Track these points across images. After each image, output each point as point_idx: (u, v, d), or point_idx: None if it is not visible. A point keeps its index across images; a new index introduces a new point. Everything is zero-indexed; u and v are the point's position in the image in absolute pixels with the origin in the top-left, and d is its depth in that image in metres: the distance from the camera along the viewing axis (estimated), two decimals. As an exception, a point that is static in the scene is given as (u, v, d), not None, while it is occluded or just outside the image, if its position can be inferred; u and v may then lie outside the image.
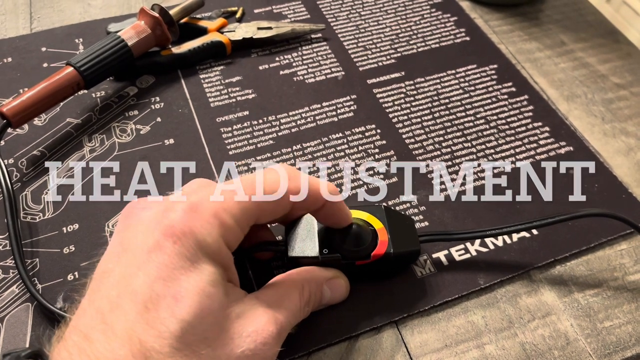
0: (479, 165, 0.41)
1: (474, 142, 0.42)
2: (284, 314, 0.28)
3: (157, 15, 0.44)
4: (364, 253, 0.31)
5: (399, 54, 0.49)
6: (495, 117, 0.44)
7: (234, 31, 0.48)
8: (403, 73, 0.47)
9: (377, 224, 0.32)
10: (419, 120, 0.43)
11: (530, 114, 0.44)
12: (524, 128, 0.43)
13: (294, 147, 0.41)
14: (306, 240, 0.32)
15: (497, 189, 0.39)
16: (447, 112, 0.44)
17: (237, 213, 0.26)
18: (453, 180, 0.40)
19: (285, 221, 0.33)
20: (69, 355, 0.23)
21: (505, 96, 0.45)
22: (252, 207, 0.27)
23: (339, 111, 0.44)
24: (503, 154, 0.41)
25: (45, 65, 0.47)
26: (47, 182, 0.39)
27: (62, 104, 0.43)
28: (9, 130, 0.40)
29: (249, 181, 0.28)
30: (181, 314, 0.23)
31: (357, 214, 0.33)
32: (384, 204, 0.38)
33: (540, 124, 0.44)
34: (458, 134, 0.43)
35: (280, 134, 0.42)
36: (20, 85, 0.45)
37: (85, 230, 0.36)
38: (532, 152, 0.41)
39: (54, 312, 0.32)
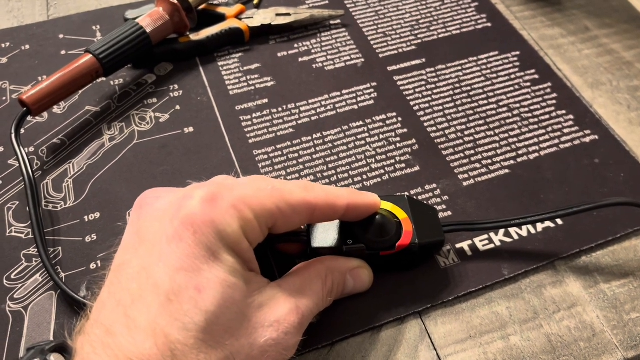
0: (502, 154, 0.40)
1: (496, 131, 0.41)
2: (306, 303, 0.27)
3: (175, 1, 0.44)
4: (388, 244, 0.31)
5: (419, 41, 0.48)
6: (518, 105, 0.43)
7: (252, 17, 0.48)
8: (424, 60, 0.46)
9: (401, 214, 0.32)
10: (440, 108, 0.43)
11: (554, 101, 0.43)
12: (547, 116, 0.42)
13: (314, 136, 0.41)
14: (329, 230, 0.31)
15: (521, 178, 0.39)
16: (469, 99, 0.43)
17: (256, 209, 0.26)
18: (476, 169, 0.39)
19: None
20: (92, 349, 0.23)
21: (528, 84, 0.45)
22: (272, 208, 0.26)
23: (359, 99, 0.43)
24: (526, 143, 0.41)
25: (63, 52, 0.47)
26: (68, 171, 0.39)
27: (80, 92, 0.43)
28: (29, 118, 0.40)
29: (267, 182, 0.27)
30: (205, 305, 0.23)
31: (381, 204, 0.32)
32: (407, 193, 0.38)
33: (564, 112, 0.43)
34: (480, 122, 0.42)
35: (300, 122, 0.42)
36: (38, 73, 0.45)
37: (107, 219, 0.36)
38: (556, 141, 0.41)
39: (77, 300, 0.32)
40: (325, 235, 0.31)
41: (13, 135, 0.37)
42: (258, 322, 0.25)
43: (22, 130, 0.40)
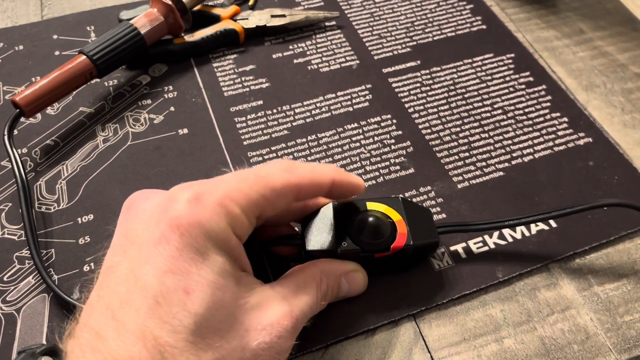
0: (496, 156, 0.40)
1: (491, 133, 0.41)
2: (300, 307, 0.27)
3: (169, 2, 0.44)
4: (383, 245, 0.31)
5: (414, 43, 0.48)
6: (512, 108, 0.43)
7: (247, 19, 0.48)
8: (419, 62, 0.46)
9: (396, 216, 0.32)
10: (435, 110, 0.43)
11: (548, 104, 0.44)
12: (542, 118, 0.43)
13: (309, 138, 0.41)
14: (323, 233, 0.31)
15: (515, 181, 0.39)
16: (463, 102, 0.43)
17: (242, 202, 0.25)
18: (470, 171, 0.39)
19: (299, 216, 0.32)
20: (82, 353, 0.23)
21: (523, 86, 0.45)
22: (258, 198, 0.26)
23: (354, 101, 0.43)
24: (521, 145, 0.41)
25: (57, 53, 0.46)
26: (61, 172, 0.38)
27: (74, 92, 0.43)
28: (22, 119, 0.40)
29: (249, 172, 0.27)
30: (194, 307, 0.23)
31: (375, 207, 0.32)
32: (401, 195, 0.37)
33: (558, 114, 0.43)
34: (475, 124, 0.42)
35: (294, 124, 0.42)
36: (32, 74, 0.45)
37: (100, 221, 0.36)
38: (551, 143, 0.41)
39: (70, 303, 0.32)
40: (320, 237, 0.31)
41: (5, 137, 0.37)
42: (250, 325, 0.25)
43: (15, 132, 0.40)
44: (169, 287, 0.23)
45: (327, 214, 0.32)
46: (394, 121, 0.42)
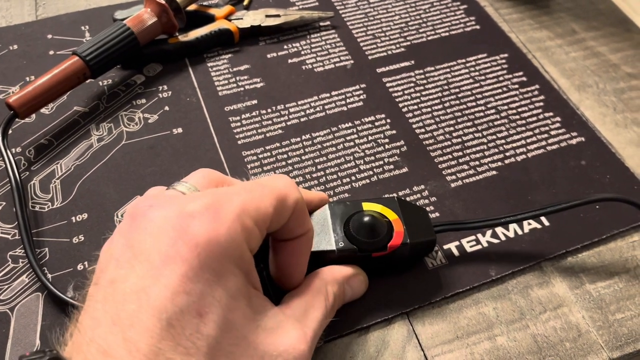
0: (489, 155, 0.40)
1: (484, 133, 0.42)
2: (313, 327, 0.27)
3: (163, 2, 0.44)
4: (380, 244, 0.31)
5: (408, 43, 0.48)
6: (506, 107, 0.43)
7: (242, 19, 0.48)
8: (413, 62, 0.47)
9: (392, 215, 0.32)
10: (429, 109, 0.43)
11: (541, 103, 0.44)
12: (535, 118, 0.43)
13: (303, 137, 0.41)
14: (321, 234, 0.31)
15: (508, 180, 0.39)
16: (457, 101, 0.44)
17: (255, 214, 0.25)
18: (464, 170, 0.39)
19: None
20: None
21: (516, 86, 0.45)
22: (269, 210, 0.26)
23: (348, 100, 0.44)
24: (514, 145, 0.41)
25: (51, 52, 0.46)
26: (56, 171, 0.38)
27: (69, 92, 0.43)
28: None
29: (256, 184, 0.27)
30: (206, 329, 0.22)
31: (370, 207, 0.32)
32: (396, 195, 0.38)
33: (551, 114, 0.43)
34: (468, 124, 0.42)
35: (289, 123, 0.42)
36: (26, 73, 0.45)
37: (95, 220, 0.36)
38: (543, 143, 0.41)
39: (65, 301, 0.32)
40: (317, 238, 0.31)
41: (-1, 137, 0.37)
42: (265, 350, 0.24)
43: (9, 131, 0.40)
44: (182, 309, 0.22)
45: (323, 215, 0.32)
46: (388, 121, 0.42)
